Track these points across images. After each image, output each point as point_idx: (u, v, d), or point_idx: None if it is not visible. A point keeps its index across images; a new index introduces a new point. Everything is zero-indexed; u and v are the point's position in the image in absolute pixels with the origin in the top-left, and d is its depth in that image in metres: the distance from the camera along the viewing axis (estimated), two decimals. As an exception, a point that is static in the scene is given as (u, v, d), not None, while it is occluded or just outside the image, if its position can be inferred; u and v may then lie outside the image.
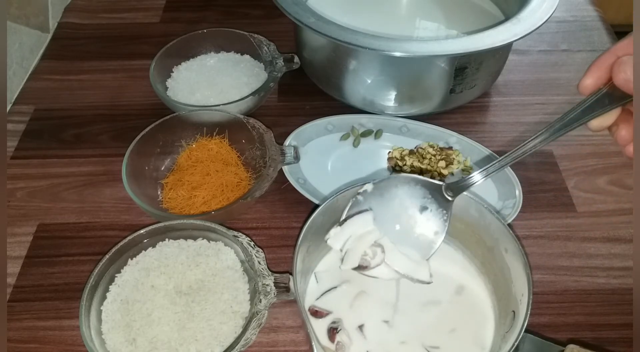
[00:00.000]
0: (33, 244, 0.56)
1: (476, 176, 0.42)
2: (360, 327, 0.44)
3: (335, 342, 0.42)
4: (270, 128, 0.58)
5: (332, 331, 0.43)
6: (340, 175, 0.59)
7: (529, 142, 0.39)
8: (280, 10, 0.60)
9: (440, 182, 0.43)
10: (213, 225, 0.50)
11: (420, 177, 0.44)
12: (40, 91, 0.72)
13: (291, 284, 0.46)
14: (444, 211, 0.43)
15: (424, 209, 0.44)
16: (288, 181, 0.57)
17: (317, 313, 0.44)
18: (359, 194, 0.44)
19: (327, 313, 0.44)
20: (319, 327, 0.44)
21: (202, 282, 0.48)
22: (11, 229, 0.56)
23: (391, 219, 0.44)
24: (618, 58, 0.33)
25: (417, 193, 0.44)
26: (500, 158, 0.41)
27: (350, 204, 0.44)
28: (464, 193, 0.43)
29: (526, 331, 0.37)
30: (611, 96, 0.35)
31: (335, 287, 0.46)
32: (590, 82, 0.35)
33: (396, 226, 0.44)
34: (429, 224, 0.44)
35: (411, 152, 0.60)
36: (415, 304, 0.45)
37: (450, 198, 0.43)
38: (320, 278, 0.47)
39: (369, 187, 0.44)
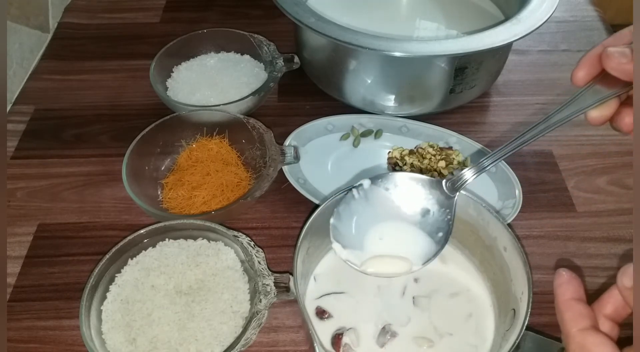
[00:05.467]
0: (33, 244, 0.56)
1: (473, 169, 0.41)
2: (364, 328, 0.44)
3: (343, 344, 0.42)
4: (270, 128, 0.58)
5: (337, 337, 0.43)
6: (340, 175, 0.59)
7: (526, 133, 0.39)
8: (280, 11, 0.60)
9: (440, 179, 0.43)
10: (213, 225, 0.50)
11: (418, 175, 0.43)
12: (40, 91, 0.72)
13: (291, 283, 0.46)
14: (447, 210, 0.42)
15: (425, 212, 0.43)
16: (288, 180, 0.57)
17: (323, 313, 0.44)
18: (354, 187, 0.43)
19: (332, 315, 0.45)
20: (323, 330, 0.44)
21: (202, 282, 0.48)
22: (11, 229, 0.56)
23: (389, 221, 0.43)
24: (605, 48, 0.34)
25: (417, 193, 0.43)
26: (496, 149, 0.40)
27: (344, 197, 0.43)
28: (463, 192, 0.43)
29: (527, 329, 0.37)
30: (605, 86, 0.36)
31: (339, 293, 0.46)
32: (582, 73, 0.36)
33: (394, 230, 0.43)
34: (432, 226, 0.43)
35: (411, 152, 0.61)
36: (415, 305, 0.45)
37: (451, 195, 0.42)
38: (319, 278, 0.47)
39: (366, 183, 0.43)
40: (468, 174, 0.42)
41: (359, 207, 0.44)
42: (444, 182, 0.42)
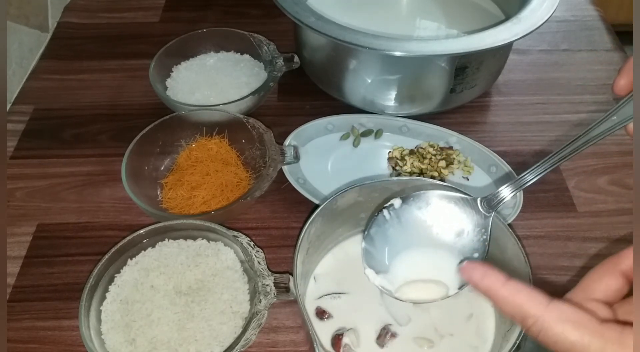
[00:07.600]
0: (32, 244, 0.55)
1: (511, 187, 0.39)
2: (364, 329, 0.44)
3: (343, 345, 0.42)
4: (270, 128, 0.58)
5: (337, 337, 0.43)
6: (340, 175, 0.59)
7: (566, 147, 0.37)
8: (280, 10, 0.60)
9: (475, 197, 0.40)
10: (213, 225, 0.50)
11: (452, 193, 0.41)
12: (39, 91, 0.72)
13: (291, 284, 0.46)
14: (482, 230, 0.39)
15: (460, 232, 0.40)
16: (288, 180, 0.57)
17: (323, 313, 0.44)
18: (385, 208, 0.41)
19: (332, 316, 0.44)
20: (323, 330, 0.43)
21: (202, 283, 0.48)
22: (10, 229, 0.56)
23: (422, 243, 0.41)
24: None
25: (451, 212, 0.40)
26: (535, 166, 0.38)
27: (375, 219, 0.41)
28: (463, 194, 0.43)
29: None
30: None
31: (339, 293, 0.46)
32: (625, 81, 0.32)
33: (427, 253, 0.41)
34: (466, 247, 0.40)
35: (411, 152, 0.60)
36: (416, 305, 0.45)
37: (487, 214, 0.39)
38: (319, 279, 0.47)
39: (397, 202, 0.41)
40: (505, 191, 0.39)
41: (391, 230, 0.41)
42: (479, 200, 0.40)
